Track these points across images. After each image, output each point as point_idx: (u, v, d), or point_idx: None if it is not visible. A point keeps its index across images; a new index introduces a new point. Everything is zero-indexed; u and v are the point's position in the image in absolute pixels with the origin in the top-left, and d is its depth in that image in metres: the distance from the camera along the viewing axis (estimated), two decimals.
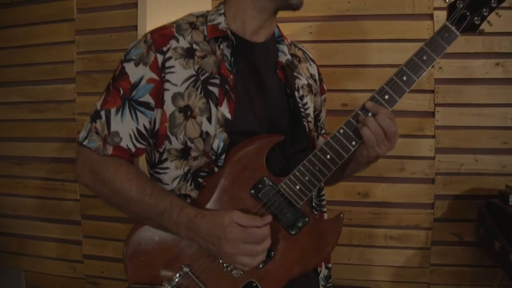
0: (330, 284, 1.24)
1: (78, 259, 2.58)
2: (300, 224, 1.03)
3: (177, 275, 1.01)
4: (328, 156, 1.02)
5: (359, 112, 1.02)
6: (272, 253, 1.02)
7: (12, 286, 2.75)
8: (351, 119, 1.02)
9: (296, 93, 1.15)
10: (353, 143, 1.02)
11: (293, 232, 1.03)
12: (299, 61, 1.25)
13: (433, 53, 1.01)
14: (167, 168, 1.06)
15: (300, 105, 1.15)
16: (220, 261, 1.01)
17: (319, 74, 1.33)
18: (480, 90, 2.13)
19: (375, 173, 2.24)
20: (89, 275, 2.58)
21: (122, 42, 2.43)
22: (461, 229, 2.19)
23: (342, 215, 1.08)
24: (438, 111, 2.16)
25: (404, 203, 2.24)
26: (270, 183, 1.02)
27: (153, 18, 2.30)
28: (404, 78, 1.00)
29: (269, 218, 0.97)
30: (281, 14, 1.15)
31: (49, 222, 2.63)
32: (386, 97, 1.01)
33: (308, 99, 1.19)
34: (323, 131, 1.33)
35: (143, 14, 2.36)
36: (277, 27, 1.21)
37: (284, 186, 1.02)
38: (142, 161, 1.21)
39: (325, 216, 1.22)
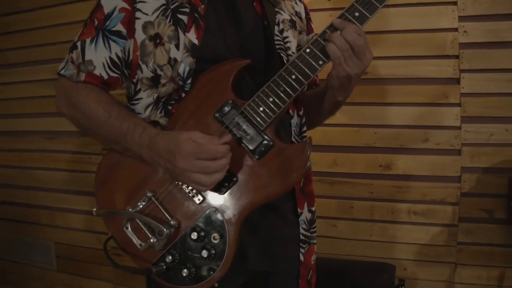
0: (314, 230, 1.21)
1: (104, 231, 2.67)
2: (263, 149, 1.00)
3: (141, 200, 1.03)
4: (294, 76, 1.00)
5: (327, 30, 1.00)
6: (235, 178, 1.00)
7: (42, 256, 2.90)
8: (318, 38, 1.00)
9: (276, 27, 1.15)
10: (320, 62, 1.00)
11: (257, 157, 1.00)
12: None
13: None
14: (141, 98, 1.09)
15: (279, 38, 1.14)
16: (183, 186, 1.01)
17: (307, 14, 1.33)
18: (510, 54, 2.00)
19: (397, 144, 2.16)
20: (113, 247, 2.65)
21: None
22: (491, 205, 2.06)
23: (310, 139, 1.05)
24: (463, 78, 2.04)
25: (429, 176, 2.13)
26: (234, 106, 1.01)
27: None
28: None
29: (228, 137, 0.97)
30: None
31: (77, 195, 2.74)
32: (356, 14, 0.99)
33: (289, 34, 1.18)
34: None
35: None
36: None
37: (247, 107, 1.01)
38: None
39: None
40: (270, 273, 1.14)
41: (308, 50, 1.01)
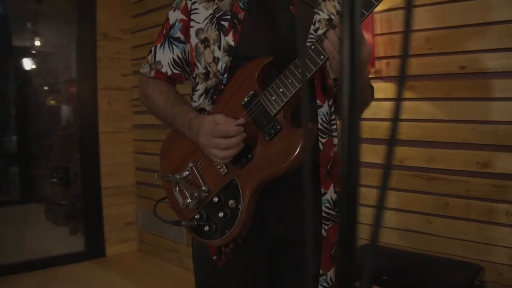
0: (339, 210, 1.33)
1: None
2: (272, 131, 1.18)
3: (185, 170, 1.31)
4: (299, 70, 1.16)
5: (329, 28, 1.13)
6: (250, 155, 1.21)
7: (174, 232, 3.36)
8: (322, 35, 1.14)
9: (312, 26, 1.31)
10: (321, 57, 1.14)
11: (267, 138, 1.19)
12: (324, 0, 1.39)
13: None
14: (197, 90, 1.37)
15: (313, 36, 1.30)
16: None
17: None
18: None
19: (496, 141, 2.08)
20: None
21: None
22: None
23: (311, 126, 1.21)
24: None
25: None
26: (255, 96, 1.22)
27: None
28: None
29: (241, 121, 1.18)
30: None
31: None
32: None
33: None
34: None
35: None
36: None
37: (263, 97, 1.21)
38: None
39: (335, 140, 1.32)
40: (293, 242, 1.30)
41: (313, 47, 1.16)
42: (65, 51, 6.03)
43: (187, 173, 1.30)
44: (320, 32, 1.32)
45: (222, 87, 1.30)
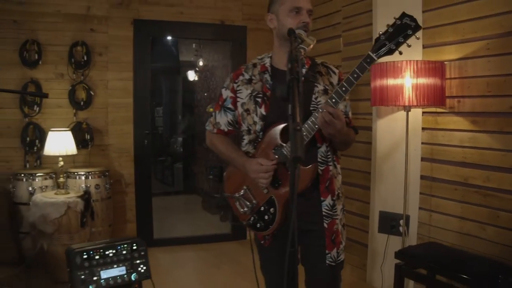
0: (335, 210, 2.05)
1: None
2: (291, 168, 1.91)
3: (241, 190, 2.11)
4: (304, 133, 1.87)
5: (319, 109, 1.85)
6: (280, 182, 2.01)
7: None
8: (315, 113, 1.86)
9: (313, 96, 2.00)
10: (316, 126, 1.87)
11: (289, 172, 1.92)
12: (321, 75, 2.05)
13: (360, 72, 1.80)
14: (244, 139, 2.13)
15: (314, 102, 1.99)
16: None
17: (340, 80, 2.08)
18: None
19: None
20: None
21: None
22: None
23: (313, 165, 1.95)
24: None
25: None
26: (280, 147, 1.97)
27: None
28: (343, 88, 1.82)
29: (274, 162, 1.96)
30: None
31: None
32: (333, 100, 1.84)
33: (321, 99, 1.99)
34: (344, 115, 1.97)
35: None
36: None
37: (286, 147, 1.95)
38: None
39: (330, 168, 2.03)
40: (307, 230, 2.03)
41: (312, 119, 1.87)
42: (221, 69, 7.50)
43: (242, 192, 2.11)
44: (320, 99, 1.99)
45: (259, 139, 2.06)
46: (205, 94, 8.44)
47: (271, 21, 2.08)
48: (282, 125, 1.98)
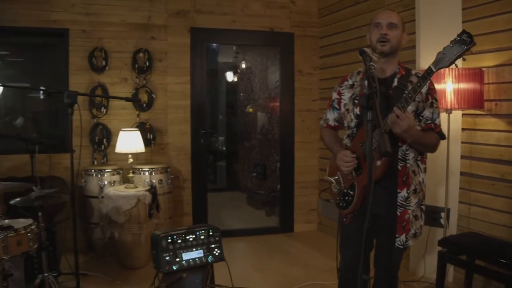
0: (409, 202, 2.41)
1: None
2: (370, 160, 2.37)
3: (336, 176, 2.65)
4: (383, 130, 2.34)
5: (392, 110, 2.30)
6: (361, 170, 2.47)
7: None
8: (389, 115, 2.32)
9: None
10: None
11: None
12: (412, 84, 2.32)
13: (422, 82, 2.20)
14: (346, 134, 2.62)
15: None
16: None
17: (429, 89, 2.41)
18: None
19: None
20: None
21: None
22: None
23: (385, 159, 2.36)
24: None
25: None
26: (364, 143, 2.47)
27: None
28: (410, 95, 2.21)
29: (356, 154, 2.41)
30: None
31: None
32: (402, 104, 2.23)
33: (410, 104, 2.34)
34: (429, 121, 2.44)
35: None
36: (399, 66, 2.46)
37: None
38: None
39: (408, 165, 2.39)
40: (380, 216, 2.40)
41: (386, 119, 2.23)
42: (262, 73, 7.94)
43: (336, 177, 2.61)
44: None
45: (354, 134, 2.52)
46: (246, 95, 8.89)
47: (368, 38, 2.49)
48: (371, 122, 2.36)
